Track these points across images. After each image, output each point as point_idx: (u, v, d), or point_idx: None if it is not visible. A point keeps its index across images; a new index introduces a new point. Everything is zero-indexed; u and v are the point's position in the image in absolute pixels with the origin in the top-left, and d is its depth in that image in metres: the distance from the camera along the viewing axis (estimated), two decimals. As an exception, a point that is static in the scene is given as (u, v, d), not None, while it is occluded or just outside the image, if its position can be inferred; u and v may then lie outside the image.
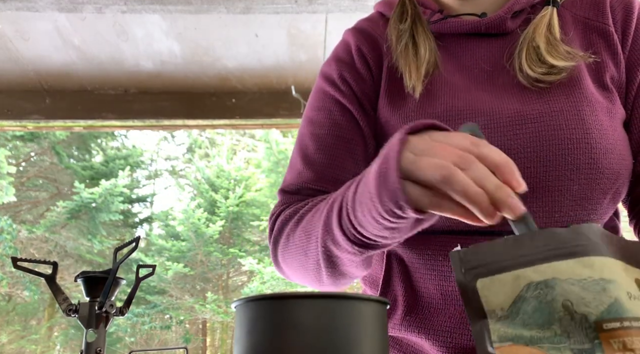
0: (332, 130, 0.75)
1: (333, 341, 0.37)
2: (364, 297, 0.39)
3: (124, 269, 1.05)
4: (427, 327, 0.68)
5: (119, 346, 10.12)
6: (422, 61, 0.72)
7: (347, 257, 0.60)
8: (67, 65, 2.41)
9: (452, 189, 0.44)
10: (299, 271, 0.70)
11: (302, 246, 0.66)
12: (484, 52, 0.73)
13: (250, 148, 12.24)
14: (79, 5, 2.03)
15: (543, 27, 0.69)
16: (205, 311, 10.01)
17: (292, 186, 0.75)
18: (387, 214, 0.49)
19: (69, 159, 10.76)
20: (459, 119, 0.67)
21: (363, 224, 0.53)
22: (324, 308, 0.37)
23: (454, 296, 0.67)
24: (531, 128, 0.64)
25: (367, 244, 0.57)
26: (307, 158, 0.75)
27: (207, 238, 9.88)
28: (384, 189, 0.48)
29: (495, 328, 0.41)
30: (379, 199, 0.49)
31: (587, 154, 0.62)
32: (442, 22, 0.75)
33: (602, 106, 0.66)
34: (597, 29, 0.71)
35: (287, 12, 2.08)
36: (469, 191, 0.43)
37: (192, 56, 2.37)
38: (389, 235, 0.53)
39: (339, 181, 0.72)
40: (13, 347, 9.96)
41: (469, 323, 0.42)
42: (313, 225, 0.63)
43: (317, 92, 0.80)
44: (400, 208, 0.47)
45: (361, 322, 0.38)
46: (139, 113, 2.54)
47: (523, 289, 0.41)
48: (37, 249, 9.76)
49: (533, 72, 0.66)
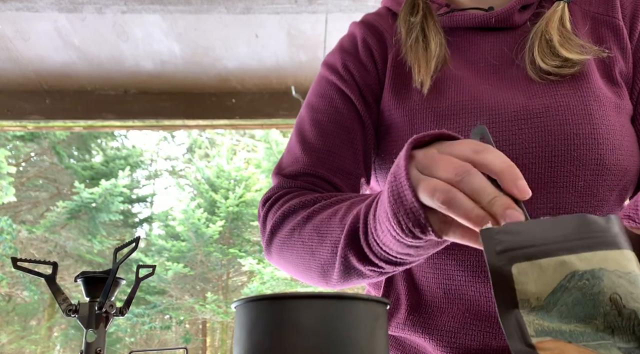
0: (333, 117, 0.74)
1: (333, 341, 0.37)
2: (364, 297, 0.39)
3: (124, 269, 1.05)
4: (430, 327, 0.67)
5: (119, 346, 10.12)
6: (432, 56, 0.71)
7: (371, 269, 0.58)
8: (67, 66, 2.41)
9: (455, 214, 0.42)
10: (298, 267, 0.68)
11: (311, 246, 0.64)
12: (491, 46, 0.72)
13: (250, 148, 12.24)
14: (79, 5, 2.03)
15: (556, 20, 0.68)
16: (205, 311, 10.01)
17: (290, 171, 0.74)
18: (404, 234, 0.48)
19: (69, 159, 10.76)
20: (463, 114, 0.66)
21: (386, 244, 0.52)
22: (324, 308, 0.37)
23: (457, 295, 0.66)
24: (537, 123, 0.63)
25: (395, 262, 0.55)
26: (305, 143, 0.74)
27: (207, 238, 9.88)
28: (400, 208, 0.46)
29: (529, 320, 0.36)
30: (396, 219, 0.47)
31: (593, 150, 0.61)
32: (448, 16, 0.74)
33: (610, 102, 0.65)
34: (606, 23, 0.71)
35: (287, 12, 2.08)
36: (471, 214, 0.41)
37: (192, 56, 2.37)
38: (414, 253, 0.51)
39: (337, 168, 0.72)
40: (13, 347, 9.95)
41: (497, 312, 0.37)
42: (329, 229, 0.61)
43: (319, 80, 0.80)
44: (420, 227, 0.46)
45: (361, 322, 0.38)
46: (138, 113, 2.54)
47: (566, 278, 0.37)
48: (37, 250, 9.76)
49: (546, 65, 0.66)
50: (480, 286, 0.64)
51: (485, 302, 0.64)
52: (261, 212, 0.73)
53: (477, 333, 0.64)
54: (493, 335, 0.63)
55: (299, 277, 0.71)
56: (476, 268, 0.65)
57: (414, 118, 0.69)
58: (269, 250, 0.72)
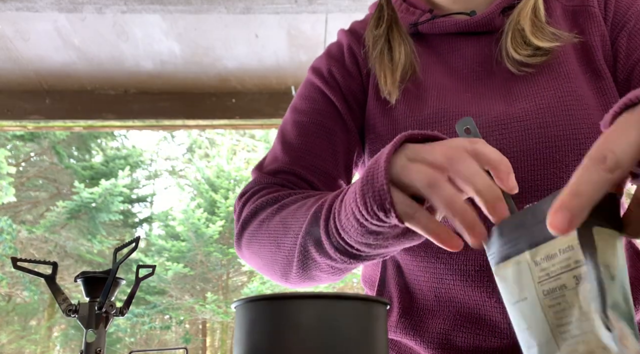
0: (314, 118, 0.75)
1: (333, 341, 0.37)
2: (364, 297, 0.39)
3: (123, 269, 1.05)
4: (421, 329, 0.68)
5: (118, 346, 10.12)
6: (397, 66, 0.72)
7: (326, 263, 0.57)
8: (67, 66, 2.41)
9: (437, 196, 0.42)
10: (264, 260, 0.67)
11: (277, 236, 0.63)
12: (473, 51, 0.73)
13: (250, 148, 12.23)
14: (79, 5, 2.03)
15: (528, 10, 0.69)
16: (205, 311, 10.01)
17: (268, 168, 0.74)
18: (369, 215, 0.47)
19: (69, 159, 10.76)
20: (445, 122, 0.67)
21: (345, 228, 0.51)
22: (324, 308, 0.37)
23: (447, 298, 0.66)
24: (517, 127, 0.63)
25: (350, 253, 0.54)
26: (286, 143, 0.75)
27: (207, 238, 9.88)
28: (369, 188, 0.46)
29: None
30: (362, 199, 0.47)
31: (575, 151, 0.61)
32: (430, 23, 0.75)
33: (591, 100, 0.65)
34: (584, 14, 0.72)
35: (287, 12, 2.08)
36: (453, 202, 0.41)
37: (192, 56, 2.37)
38: (372, 242, 0.50)
39: (315, 167, 0.72)
40: (13, 347, 9.95)
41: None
42: (294, 219, 0.60)
43: (305, 84, 0.81)
44: (384, 210, 0.45)
45: (361, 322, 0.38)
46: (139, 113, 2.54)
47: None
48: (37, 250, 9.76)
49: (518, 55, 0.67)
50: (470, 290, 0.64)
51: (475, 305, 0.65)
52: (237, 207, 0.73)
53: (468, 335, 0.65)
54: (483, 337, 0.64)
55: (264, 272, 0.70)
56: (465, 272, 0.65)
57: (397, 126, 0.70)
58: (239, 244, 0.72)
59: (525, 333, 0.38)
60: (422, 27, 0.75)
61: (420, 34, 0.77)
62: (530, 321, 0.37)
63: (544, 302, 0.36)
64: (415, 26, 0.76)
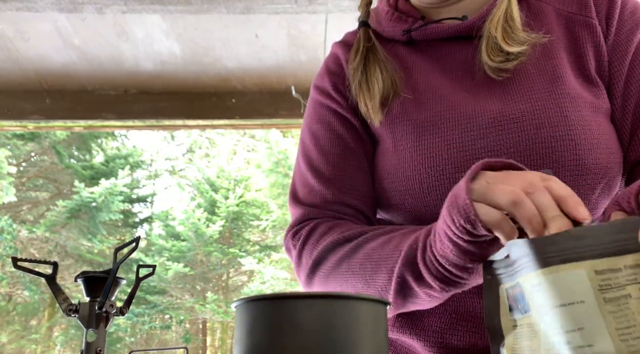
0: (336, 142, 0.77)
1: (333, 341, 0.37)
2: (364, 297, 0.39)
3: (124, 269, 1.05)
4: (418, 328, 0.69)
5: (119, 346, 10.12)
6: (374, 94, 0.74)
7: (426, 292, 0.58)
8: (67, 66, 2.41)
9: (520, 213, 0.46)
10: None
11: (364, 275, 0.64)
12: (465, 54, 0.74)
13: (250, 148, 12.23)
14: (79, 5, 2.03)
15: (499, 16, 0.69)
16: (205, 311, 10.01)
17: (311, 200, 0.75)
18: (458, 230, 0.50)
19: (69, 158, 10.76)
20: (442, 124, 0.68)
21: (443, 253, 0.53)
22: (324, 308, 0.37)
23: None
24: (513, 128, 0.64)
25: (449, 280, 0.55)
26: (317, 172, 0.76)
27: (207, 238, 9.88)
28: (454, 207, 0.50)
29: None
30: (450, 218, 0.50)
31: (571, 151, 0.62)
32: (423, 29, 0.76)
33: (585, 101, 0.66)
34: (581, 23, 0.72)
35: (287, 12, 2.09)
36: (534, 219, 0.45)
37: (192, 56, 2.37)
38: (469, 264, 0.52)
39: (357, 191, 0.74)
40: (13, 347, 9.96)
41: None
42: (384, 256, 0.62)
43: (314, 105, 0.82)
44: (470, 222, 0.48)
45: (361, 322, 0.38)
46: (139, 113, 2.54)
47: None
48: (37, 249, 9.77)
49: (493, 62, 0.68)
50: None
51: (470, 303, 0.66)
52: (291, 244, 0.74)
53: (464, 333, 0.66)
54: (479, 335, 0.65)
55: None
56: None
57: (395, 129, 0.72)
58: (310, 282, 0.73)
59: (574, 334, 0.41)
60: (415, 34, 0.77)
61: (413, 41, 0.78)
62: (586, 323, 0.41)
63: (605, 308, 0.40)
64: (409, 33, 0.77)
